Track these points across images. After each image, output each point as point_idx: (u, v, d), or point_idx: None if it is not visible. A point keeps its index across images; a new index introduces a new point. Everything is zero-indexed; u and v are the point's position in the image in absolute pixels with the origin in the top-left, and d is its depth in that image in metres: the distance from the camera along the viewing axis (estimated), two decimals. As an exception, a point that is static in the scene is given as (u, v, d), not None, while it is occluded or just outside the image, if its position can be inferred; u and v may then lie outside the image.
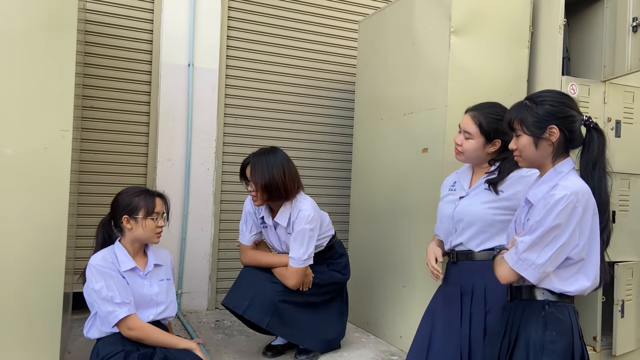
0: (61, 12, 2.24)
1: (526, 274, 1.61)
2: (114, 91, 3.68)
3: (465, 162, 2.22)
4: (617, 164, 3.03)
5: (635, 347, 3.16)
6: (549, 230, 1.57)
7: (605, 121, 3.05)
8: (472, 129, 2.12)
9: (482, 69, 2.90)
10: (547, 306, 1.64)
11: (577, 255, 1.60)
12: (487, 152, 2.14)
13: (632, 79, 3.11)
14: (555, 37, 2.94)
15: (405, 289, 3.10)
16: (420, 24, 3.12)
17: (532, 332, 1.63)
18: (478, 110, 2.14)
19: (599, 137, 1.67)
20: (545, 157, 1.70)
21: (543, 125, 1.68)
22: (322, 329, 2.90)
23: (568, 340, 1.62)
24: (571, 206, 1.56)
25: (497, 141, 2.12)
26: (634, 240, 3.15)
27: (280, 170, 2.74)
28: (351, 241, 3.83)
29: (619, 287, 3.02)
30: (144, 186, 2.35)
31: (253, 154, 2.84)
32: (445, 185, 2.35)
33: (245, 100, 4.07)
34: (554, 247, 1.57)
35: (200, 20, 3.85)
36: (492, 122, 2.10)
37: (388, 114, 3.40)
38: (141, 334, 2.17)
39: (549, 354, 1.59)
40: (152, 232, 2.27)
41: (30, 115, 2.20)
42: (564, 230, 1.56)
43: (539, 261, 1.59)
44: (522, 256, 1.62)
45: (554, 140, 1.68)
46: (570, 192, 1.57)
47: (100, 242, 2.32)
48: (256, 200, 2.79)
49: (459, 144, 2.17)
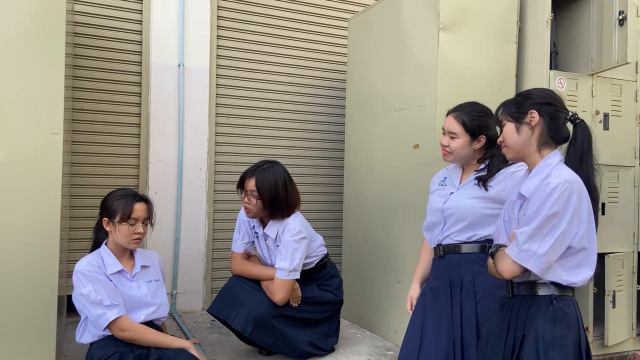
0: (49, 15, 2.24)
1: (529, 264, 1.61)
2: (104, 93, 3.67)
3: (454, 162, 2.26)
4: (606, 156, 3.07)
5: (627, 337, 3.20)
6: (547, 218, 1.58)
7: (593, 114, 3.08)
8: (457, 128, 2.18)
9: (471, 65, 2.92)
10: (555, 301, 1.64)
11: (579, 244, 1.62)
12: (473, 149, 2.19)
13: (619, 72, 3.14)
14: (543, 32, 2.97)
15: (400, 285, 3.12)
16: (409, 21, 3.13)
17: (540, 328, 1.63)
18: (459, 110, 2.21)
19: (585, 132, 1.70)
20: (529, 143, 1.73)
21: (524, 110, 1.74)
22: (304, 345, 2.82)
23: (576, 334, 1.63)
24: (567, 193, 1.58)
25: (482, 137, 2.18)
26: (624, 231, 3.19)
27: (284, 187, 2.76)
28: (345, 238, 3.85)
29: (610, 278, 3.05)
30: (132, 189, 2.34)
31: (256, 166, 2.81)
32: (435, 180, 2.39)
33: (236, 99, 4.07)
34: (554, 235, 1.58)
35: (189, 20, 3.84)
36: (475, 119, 2.17)
37: (379, 111, 3.41)
38: (134, 335, 2.17)
39: (558, 348, 1.60)
40: (128, 238, 2.23)
41: (21, 119, 2.20)
42: (562, 218, 1.58)
43: (540, 251, 1.59)
44: (523, 247, 1.62)
45: (533, 125, 1.72)
46: (564, 179, 1.59)
47: (93, 243, 2.33)
48: (249, 212, 2.79)
49: (445, 145, 2.21)
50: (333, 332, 3.00)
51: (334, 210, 4.29)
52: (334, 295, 2.95)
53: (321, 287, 2.94)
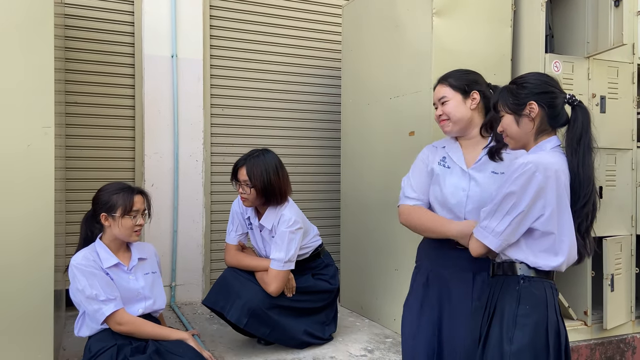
0: (37, 8, 2.21)
1: (487, 241, 1.67)
2: (97, 85, 3.65)
3: (454, 129, 2.08)
4: (603, 139, 3.05)
5: (626, 320, 3.20)
6: (505, 197, 1.62)
7: (590, 97, 3.05)
8: (446, 90, 2.09)
9: (465, 50, 2.89)
10: (522, 281, 1.66)
11: (543, 227, 1.62)
12: (470, 108, 2.07)
13: (615, 54, 3.11)
14: (538, 14, 2.94)
15: (397, 272, 3.12)
16: (402, 6, 3.10)
17: (506, 306, 1.66)
18: (443, 77, 2.14)
19: (583, 113, 1.69)
20: (529, 134, 1.74)
21: (522, 102, 1.72)
22: (300, 334, 2.82)
23: (542, 314, 1.63)
24: (528, 174, 1.58)
25: (475, 92, 2.06)
26: (622, 214, 3.18)
27: (275, 173, 2.76)
28: (342, 226, 3.84)
29: (608, 261, 3.05)
30: (125, 182, 2.33)
31: (247, 155, 2.80)
32: (427, 159, 2.17)
33: (231, 90, 4.04)
34: (512, 214, 1.61)
35: (182, 10, 3.80)
36: (460, 77, 2.10)
37: (375, 98, 3.39)
38: (131, 328, 2.17)
39: (520, 327, 1.62)
40: (130, 230, 2.25)
41: (11, 113, 2.18)
42: (521, 198, 1.60)
43: (498, 229, 1.64)
44: (482, 224, 1.69)
45: (534, 116, 1.71)
46: (529, 160, 1.60)
47: (83, 238, 2.31)
48: (246, 201, 2.78)
49: (440, 114, 2.10)
50: (330, 320, 3.00)
51: (331, 199, 4.27)
52: (329, 284, 2.94)
53: (316, 276, 2.95)
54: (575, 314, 3.12)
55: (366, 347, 2.97)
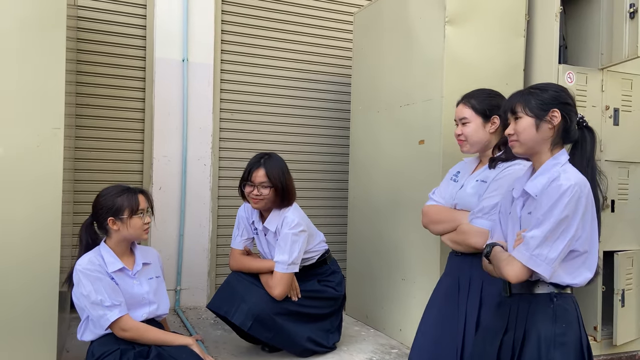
0: (50, 9, 2.22)
1: (540, 269, 1.58)
2: (108, 88, 3.66)
3: (471, 151, 2.18)
4: (616, 152, 3.02)
5: (636, 337, 3.14)
6: (559, 222, 1.55)
7: (603, 109, 3.02)
8: (467, 112, 2.14)
9: (477, 59, 2.86)
10: (555, 299, 1.62)
11: (582, 247, 1.60)
12: (489, 132, 2.12)
13: (630, 66, 3.07)
14: (552, 25, 2.91)
15: (404, 282, 3.09)
16: (415, 15, 3.08)
17: (541, 326, 1.61)
18: (467, 96, 2.18)
19: (592, 136, 1.70)
20: (544, 141, 1.69)
21: (546, 108, 1.69)
22: (303, 340, 2.79)
23: (576, 332, 1.62)
24: (577, 197, 1.55)
25: (495, 117, 2.11)
26: (634, 229, 3.13)
27: (288, 174, 2.82)
28: (350, 234, 3.81)
29: (619, 276, 2.99)
30: (123, 184, 2.34)
31: (259, 158, 2.80)
32: (449, 172, 2.33)
33: (241, 95, 4.05)
34: (564, 239, 1.55)
35: (193, 14, 3.81)
36: (484, 100, 2.13)
37: (384, 106, 3.37)
38: (135, 335, 2.16)
39: (559, 347, 1.58)
40: (140, 229, 2.27)
41: (22, 113, 2.19)
42: (572, 222, 1.55)
43: (551, 255, 1.56)
44: (535, 252, 1.58)
45: (555, 124, 1.68)
46: (574, 182, 1.56)
47: (84, 246, 2.29)
48: (260, 202, 2.76)
49: (458, 133, 2.16)
50: (335, 328, 2.97)
51: (339, 206, 4.25)
52: (335, 291, 2.92)
53: (322, 282, 2.92)
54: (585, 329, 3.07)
55: (371, 357, 2.93)
